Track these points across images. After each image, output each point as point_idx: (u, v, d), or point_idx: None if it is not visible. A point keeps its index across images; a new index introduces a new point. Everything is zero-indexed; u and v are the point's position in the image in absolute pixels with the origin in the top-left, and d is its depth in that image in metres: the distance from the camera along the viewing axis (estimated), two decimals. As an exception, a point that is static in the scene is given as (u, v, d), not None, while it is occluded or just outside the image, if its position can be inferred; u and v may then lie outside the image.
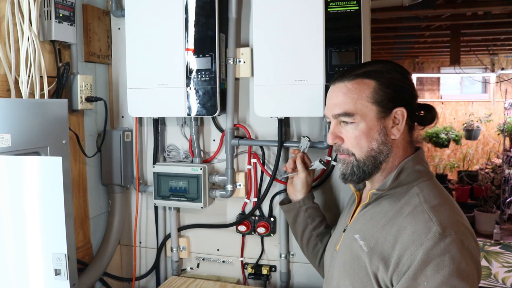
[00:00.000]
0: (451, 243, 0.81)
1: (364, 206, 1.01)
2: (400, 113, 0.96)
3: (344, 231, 1.05)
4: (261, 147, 1.54)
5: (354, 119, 0.96)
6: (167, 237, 1.68)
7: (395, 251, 0.85)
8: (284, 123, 1.46)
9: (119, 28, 1.69)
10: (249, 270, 1.60)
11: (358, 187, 1.12)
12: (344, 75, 1.00)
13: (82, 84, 1.48)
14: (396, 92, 0.96)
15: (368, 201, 0.99)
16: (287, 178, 1.52)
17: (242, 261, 1.63)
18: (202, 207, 1.53)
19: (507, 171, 5.28)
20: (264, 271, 1.58)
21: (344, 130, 0.98)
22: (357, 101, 0.96)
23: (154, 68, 1.48)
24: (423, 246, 0.81)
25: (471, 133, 6.17)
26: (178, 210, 1.67)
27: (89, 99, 1.51)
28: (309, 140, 1.34)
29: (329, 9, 1.31)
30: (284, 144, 1.47)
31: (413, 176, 0.95)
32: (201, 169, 1.52)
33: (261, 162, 1.54)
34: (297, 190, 1.30)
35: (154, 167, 1.59)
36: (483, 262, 4.08)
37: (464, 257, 0.80)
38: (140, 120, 1.69)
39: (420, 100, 1.03)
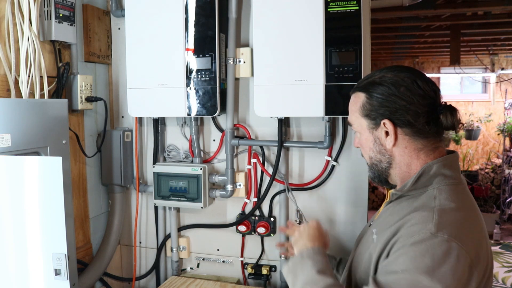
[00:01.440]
0: (438, 244, 0.79)
1: (386, 203, 1.04)
2: (387, 124, 0.96)
3: (369, 226, 1.09)
4: (261, 147, 1.54)
5: (355, 129, 1.04)
6: (167, 237, 1.68)
7: (391, 241, 0.88)
8: (284, 123, 1.46)
9: (119, 28, 1.69)
10: (249, 270, 1.60)
11: (390, 185, 1.10)
12: (354, 87, 1.05)
13: (82, 84, 1.48)
14: (381, 104, 0.96)
15: (389, 199, 1.02)
16: (287, 179, 1.52)
17: (242, 261, 1.63)
18: (202, 207, 1.53)
19: (507, 171, 5.27)
20: (264, 271, 1.58)
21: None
22: (353, 113, 1.03)
23: (154, 68, 1.48)
24: (412, 239, 0.83)
25: (471, 133, 6.17)
26: (178, 210, 1.67)
27: (89, 99, 1.51)
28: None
29: (329, 9, 1.31)
30: (284, 144, 1.47)
31: (435, 179, 0.94)
32: (201, 169, 1.52)
33: (261, 162, 1.54)
34: None
35: (154, 167, 1.59)
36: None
37: (448, 262, 0.78)
38: (140, 120, 1.69)
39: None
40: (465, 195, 0.94)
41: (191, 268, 1.70)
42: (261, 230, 1.55)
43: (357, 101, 1.01)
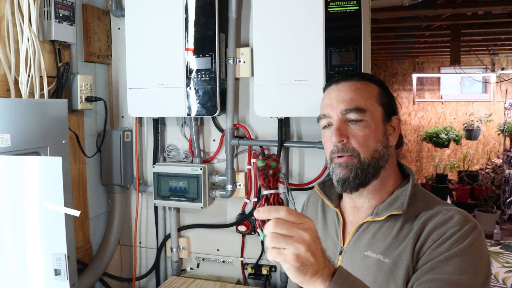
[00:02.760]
0: (474, 228, 0.87)
1: (368, 223, 0.96)
2: (396, 121, 1.01)
3: (340, 254, 0.98)
4: (261, 147, 1.54)
5: (364, 116, 0.94)
6: (167, 237, 1.68)
7: (421, 238, 0.87)
8: (284, 123, 1.46)
9: (119, 28, 1.69)
10: (249, 270, 1.60)
11: (336, 202, 1.05)
12: (350, 76, 1.01)
13: (82, 84, 1.48)
14: (392, 101, 1.02)
15: (382, 219, 0.94)
16: (287, 179, 1.52)
17: (242, 261, 1.63)
18: (202, 207, 1.53)
19: (507, 171, 5.27)
20: (264, 271, 1.58)
21: (350, 129, 0.95)
22: (367, 99, 0.96)
23: (154, 68, 1.48)
24: (451, 231, 0.85)
25: (471, 133, 6.16)
26: (178, 210, 1.67)
27: (89, 99, 1.51)
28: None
29: (329, 9, 1.31)
30: (284, 144, 1.47)
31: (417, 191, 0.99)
32: (201, 169, 1.52)
33: (261, 162, 1.54)
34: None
35: (154, 167, 1.59)
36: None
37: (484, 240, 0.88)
38: (140, 120, 1.69)
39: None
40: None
41: (191, 268, 1.70)
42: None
43: (370, 89, 0.98)
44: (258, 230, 0.68)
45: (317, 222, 1.08)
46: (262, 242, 1.59)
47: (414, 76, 6.78)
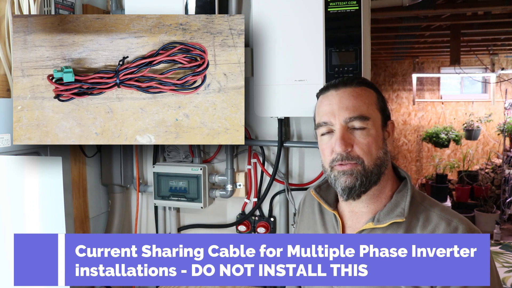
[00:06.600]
0: None
1: (369, 230, 0.95)
2: (391, 126, 1.00)
3: None
4: (261, 147, 1.54)
5: (367, 124, 0.93)
6: (167, 237, 1.68)
7: None
8: (284, 123, 1.46)
9: (119, 28, 1.69)
10: (249, 270, 1.60)
11: (333, 205, 1.04)
12: (349, 81, 0.98)
13: (82, 84, 1.48)
14: (387, 106, 1.00)
15: (384, 227, 0.93)
16: (287, 179, 1.52)
17: (242, 261, 1.63)
18: (202, 207, 1.53)
19: (507, 171, 5.28)
20: (264, 271, 1.58)
21: (354, 136, 0.93)
22: (368, 106, 0.95)
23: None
24: None
25: (471, 133, 6.16)
26: (178, 210, 1.67)
27: (89, 99, 1.51)
28: None
29: (329, 9, 1.31)
30: (284, 144, 1.47)
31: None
32: (201, 169, 1.52)
33: (261, 162, 1.54)
34: None
35: (154, 167, 1.59)
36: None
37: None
38: (140, 120, 1.69)
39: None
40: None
41: (191, 268, 1.70)
42: (261, 230, 1.54)
43: (370, 95, 0.97)
44: None
45: (315, 224, 1.08)
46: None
47: (414, 76, 6.78)
